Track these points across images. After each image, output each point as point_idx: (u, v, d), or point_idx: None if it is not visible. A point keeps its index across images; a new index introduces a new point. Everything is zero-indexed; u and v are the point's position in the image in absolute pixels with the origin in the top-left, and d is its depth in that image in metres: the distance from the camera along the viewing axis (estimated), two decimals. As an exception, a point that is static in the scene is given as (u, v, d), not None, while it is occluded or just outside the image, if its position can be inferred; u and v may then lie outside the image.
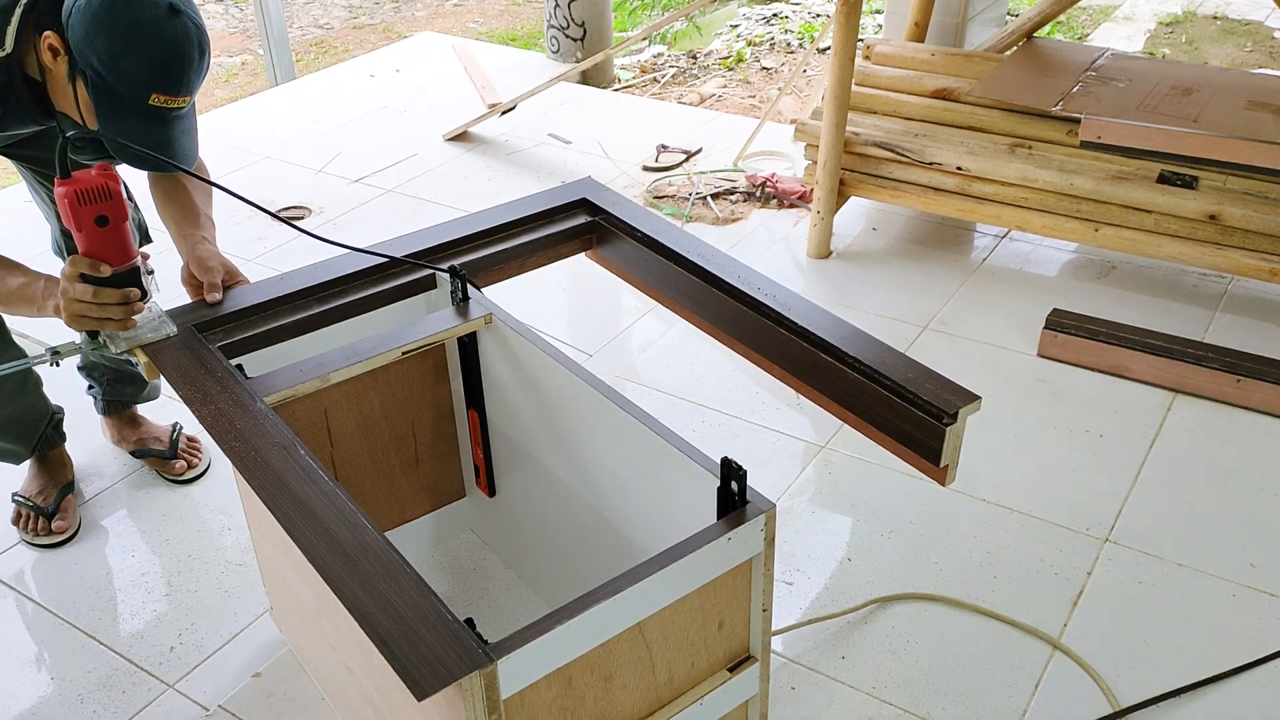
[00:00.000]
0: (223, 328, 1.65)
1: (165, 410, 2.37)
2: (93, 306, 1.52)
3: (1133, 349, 2.44)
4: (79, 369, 2.23)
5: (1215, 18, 5.31)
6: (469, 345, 1.76)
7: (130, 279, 1.53)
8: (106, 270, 1.51)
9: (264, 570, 1.86)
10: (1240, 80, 2.79)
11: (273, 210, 3.30)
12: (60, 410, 2.15)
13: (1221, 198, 2.52)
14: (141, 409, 2.33)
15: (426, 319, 1.69)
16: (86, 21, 1.48)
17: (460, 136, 3.73)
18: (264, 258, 3.02)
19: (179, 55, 1.52)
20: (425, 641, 1.13)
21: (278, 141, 3.76)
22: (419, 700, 1.08)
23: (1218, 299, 2.74)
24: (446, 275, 1.72)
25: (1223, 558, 1.99)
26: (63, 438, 2.17)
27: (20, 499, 2.12)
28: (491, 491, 1.93)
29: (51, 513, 2.09)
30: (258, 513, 1.67)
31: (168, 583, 2.00)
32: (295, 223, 1.66)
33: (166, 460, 2.23)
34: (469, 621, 1.15)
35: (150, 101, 1.52)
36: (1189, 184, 2.55)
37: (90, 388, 2.25)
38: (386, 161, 3.58)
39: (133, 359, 1.58)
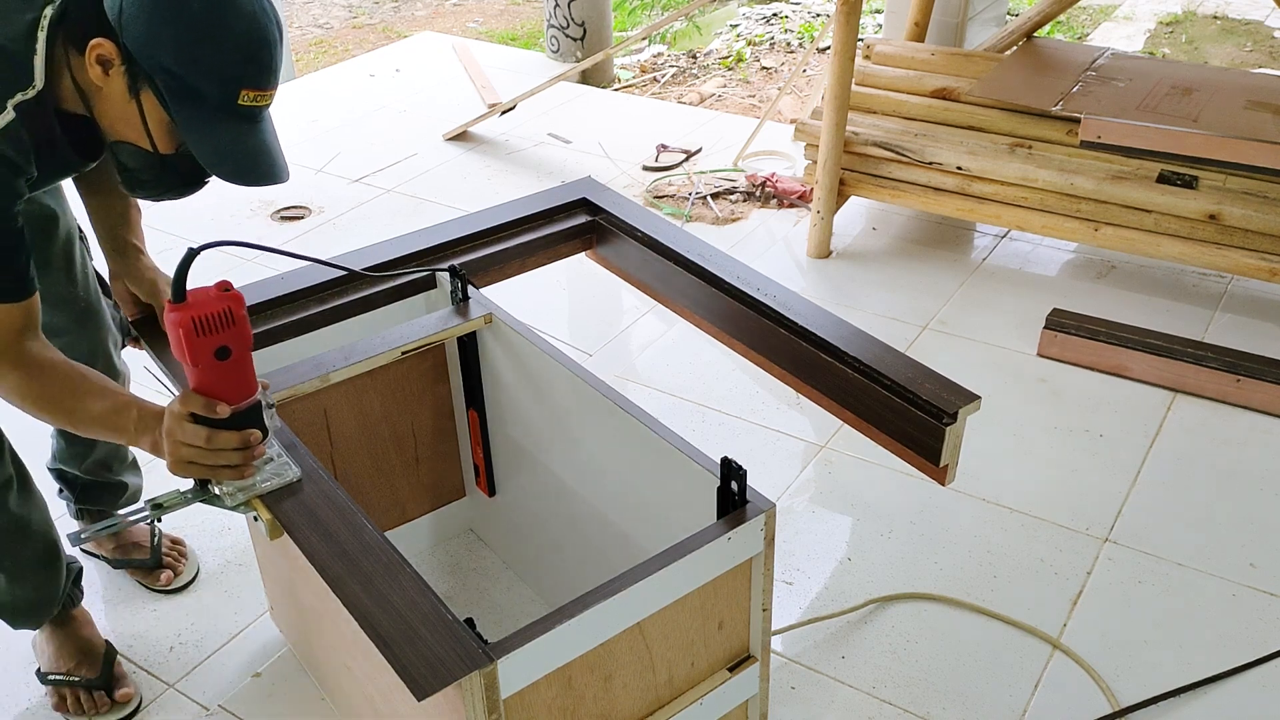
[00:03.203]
0: (223, 327, 1.64)
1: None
2: (206, 453, 1.29)
3: (1133, 349, 2.44)
4: (49, 469, 1.93)
5: (1215, 17, 5.31)
6: (469, 345, 1.76)
7: (251, 418, 1.30)
8: (225, 410, 1.28)
9: (264, 570, 1.86)
10: (1240, 80, 2.79)
11: (271, 212, 3.30)
12: (77, 560, 1.81)
13: (1221, 197, 2.52)
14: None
15: (426, 319, 1.69)
16: (149, 11, 1.20)
17: (460, 136, 3.73)
18: (264, 258, 3.02)
19: (263, 37, 1.26)
20: (425, 641, 1.13)
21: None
22: (419, 700, 1.08)
23: (1218, 299, 2.74)
24: (446, 275, 1.72)
25: (1223, 558, 1.99)
26: (82, 593, 1.82)
27: (56, 679, 1.75)
28: (491, 491, 1.93)
29: (106, 683, 1.74)
30: (258, 512, 1.67)
31: (168, 582, 2.00)
32: (293, 250, 1.57)
33: (150, 571, 1.98)
34: (469, 621, 1.16)
35: (240, 100, 1.26)
36: (1189, 184, 2.55)
37: (61, 491, 1.96)
38: (386, 161, 3.58)
39: (250, 513, 1.34)
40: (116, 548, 2.00)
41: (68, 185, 1.64)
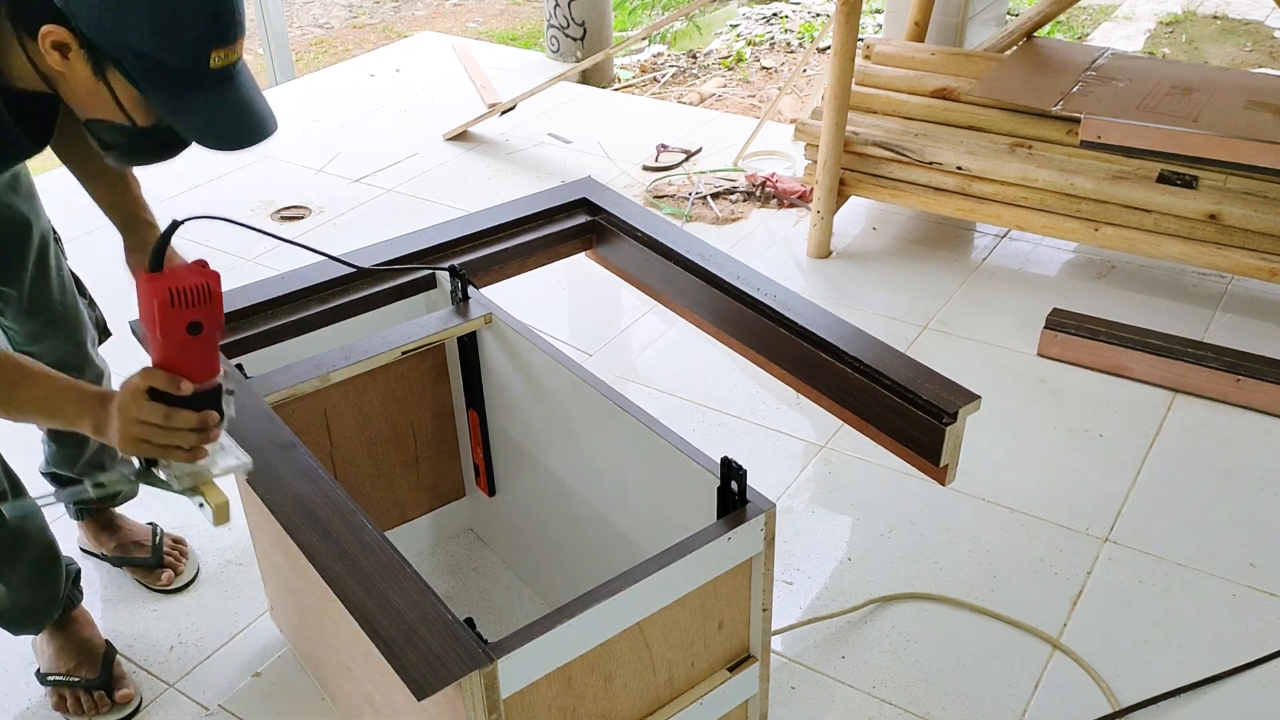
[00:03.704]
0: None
1: (140, 505, 2.09)
2: (161, 432, 1.24)
3: (1133, 349, 2.44)
4: (43, 474, 1.92)
5: (1215, 17, 5.31)
6: (469, 345, 1.76)
7: (210, 399, 1.27)
8: (188, 388, 1.24)
9: (264, 570, 1.86)
10: (1240, 80, 2.79)
11: (271, 212, 3.30)
12: (75, 561, 1.82)
13: (1221, 197, 2.52)
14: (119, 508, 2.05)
15: (426, 319, 1.69)
16: None
17: (460, 136, 3.73)
18: (264, 257, 3.02)
19: None
20: (425, 641, 1.13)
21: (277, 141, 3.74)
22: (419, 700, 1.08)
23: (1218, 299, 2.74)
24: (446, 275, 1.72)
25: (1223, 558, 1.99)
26: (81, 594, 1.82)
27: (56, 679, 1.75)
28: (491, 491, 1.93)
29: (105, 684, 1.74)
30: (258, 512, 1.67)
31: (168, 582, 2.00)
32: (296, 240, 1.56)
33: (151, 570, 1.97)
34: (469, 621, 1.16)
35: (211, 64, 1.19)
36: (1189, 184, 2.55)
37: (56, 494, 1.91)
38: (386, 161, 3.58)
39: (196, 498, 1.31)
40: (117, 546, 1.99)
41: (52, 191, 1.63)
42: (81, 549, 2.04)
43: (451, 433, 1.91)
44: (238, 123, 1.25)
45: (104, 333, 1.87)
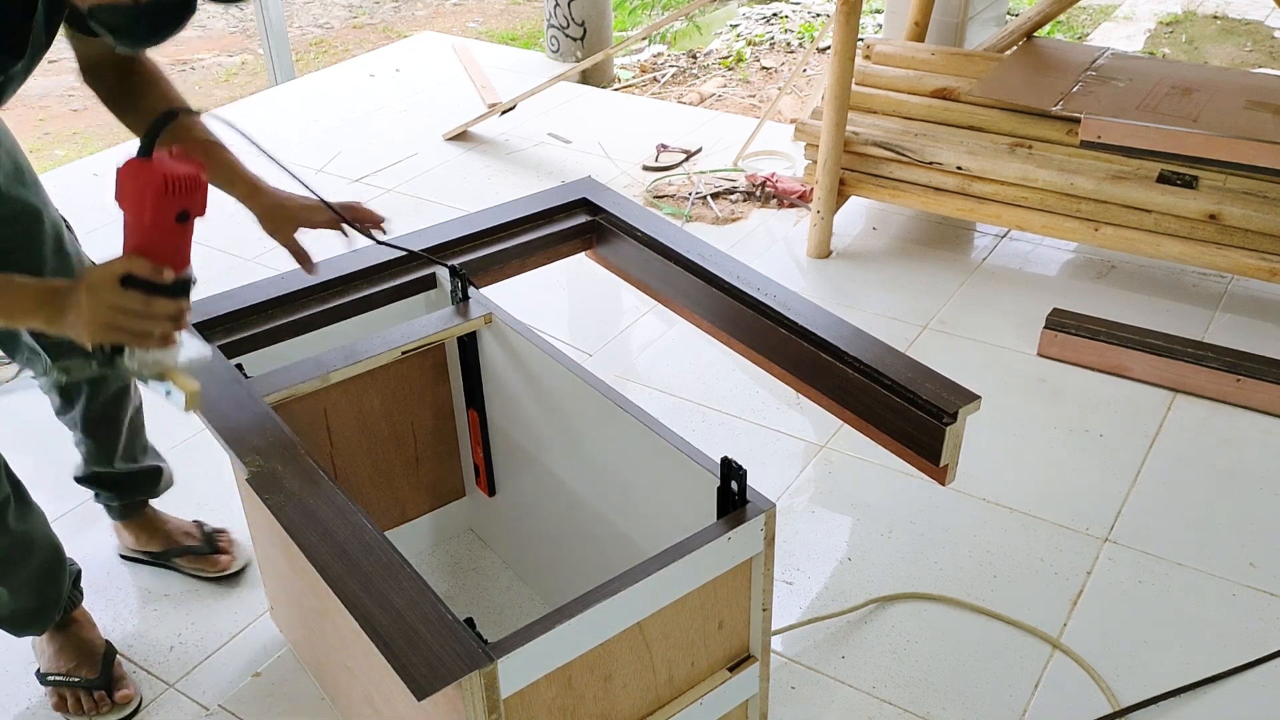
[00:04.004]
0: (222, 327, 1.65)
1: (171, 505, 2.10)
2: (138, 319, 1.23)
3: (1133, 349, 2.44)
4: (78, 479, 1.93)
5: (1215, 17, 5.31)
6: (469, 345, 1.76)
7: (183, 289, 1.29)
8: (170, 276, 1.24)
9: (264, 570, 1.86)
10: (1240, 80, 2.79)
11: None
12: (74, 562, 1.81)
13: (1221, 197, 2.52)
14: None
15: (426, 318, 1.69)
16: None
17: (460, 136, 3.73)
18: (264, 257, 3.02)
19: None
20: (425, 641, 1.13)
21: (278, 141, 3.76)
22: (419, 700, 1.08)
23: (1218, 299, 2.74)
24: (446, 275, 1.73)
25: (1223, 558, 1.99)
26: (82, 594, 1.82)
27: (56, 680, 1.75)
28: (491, 491, 1.93)
29: (105, 684, 1.75)
30: (257, 512, 1.67)
31: (167, 582, 2.00)
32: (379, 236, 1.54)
33: (205, 556, 1.98)
34: (469, 621, 1.16)
35: None
36: (1189, 184, 2.55)
37: (98, 495, 1.96)
38: (386, 161, 3.58)
39: (163, 386, 1.32)
40: (167, 540, 2.00)
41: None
42: (122, 555, 2.04)
43: (451, 433, 1.91)
44: None
45: None
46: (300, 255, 1.58)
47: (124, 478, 1.93)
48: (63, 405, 1.81)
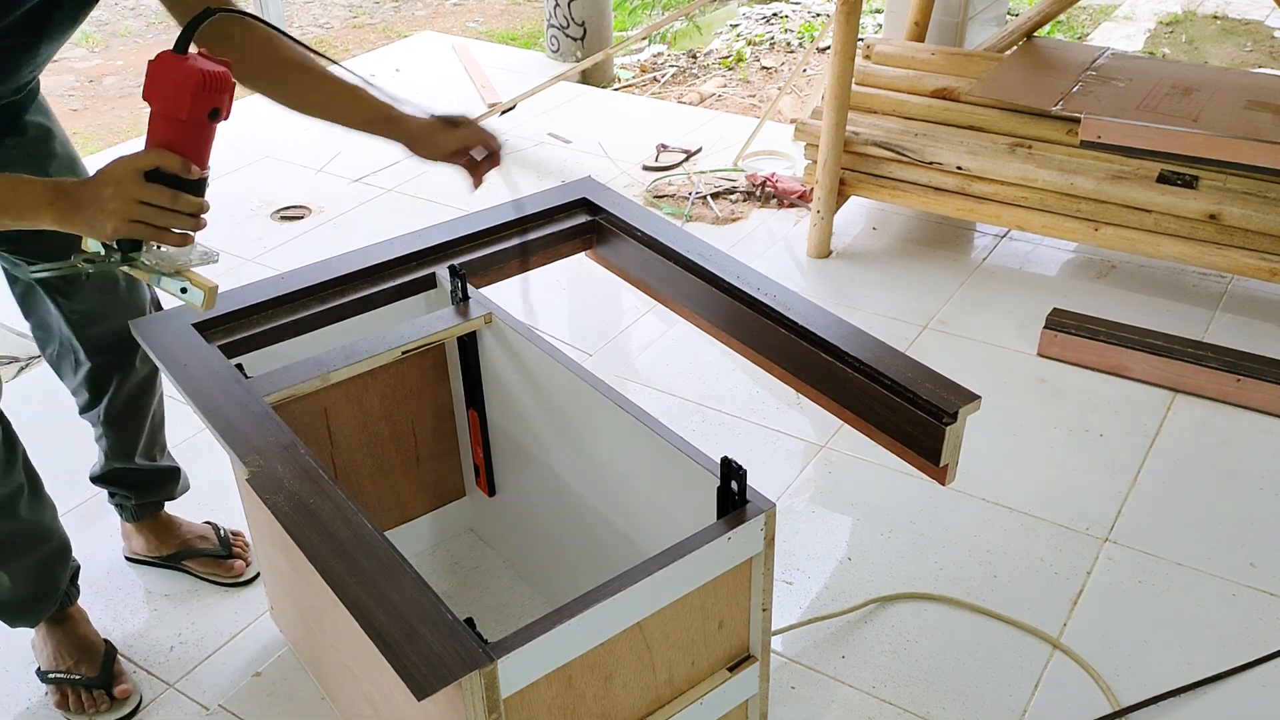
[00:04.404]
0: (222, 327, 1.65)
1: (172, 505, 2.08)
2: (164, 214, 1.24)
3: (1133, 349, 2.44)
4: (95, 479, 1.93)
5: (1215, 17, 5.31)
6: (469, 345, 1.76)
7: (202, 189, 1.31)
8: (198, 172, 1.26)
9: (264, 570, 1.86)
10: (1240, 80, 2.79)
11: (271, 211, 3.30)
12: (76, 562, 1.81)
13: (1221, 197, 2.52)
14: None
15: (426, 318, 1.69)
16: None
17: (460, 136, 3.72)
18: (264, 257, 3.02)
19: None
20: (425, 641, 1.13)
21: (278, 141, 3.76)
22: (419, 700, 1.08)
23: (1218, 299, 2.74)
24: (446, 275, 1.73)
25: (1223, 558, 1.99)
26: (78, 591, 1.82)
27: (57, 677, 1.75)
28: (491, 491, 1.93)
29: (105, 682, 1.75)
30: (257, 512, 1.67)
31: (168, 582, 2.00)
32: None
33: (221, 560, 1.98)
34: (469, 621, 1.16)
35: None
36: (1189, 184, 2.55)
37: (113, 496, 1.96)
38: (386, 161, 3.58)
39: (179, 284, 1.32)
40: (181, 543, 1.99)
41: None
42: (128, 558, 2.03)
43: (451, 432, 1.91)
44: None
45: (158, 307, 1.86)
46: (472, 167, 1.58)
47: (143, 475, 1.93)
48: (90, 401, 1.81)
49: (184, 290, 1.33)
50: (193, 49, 1.25)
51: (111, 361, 1.76)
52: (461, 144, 1.61)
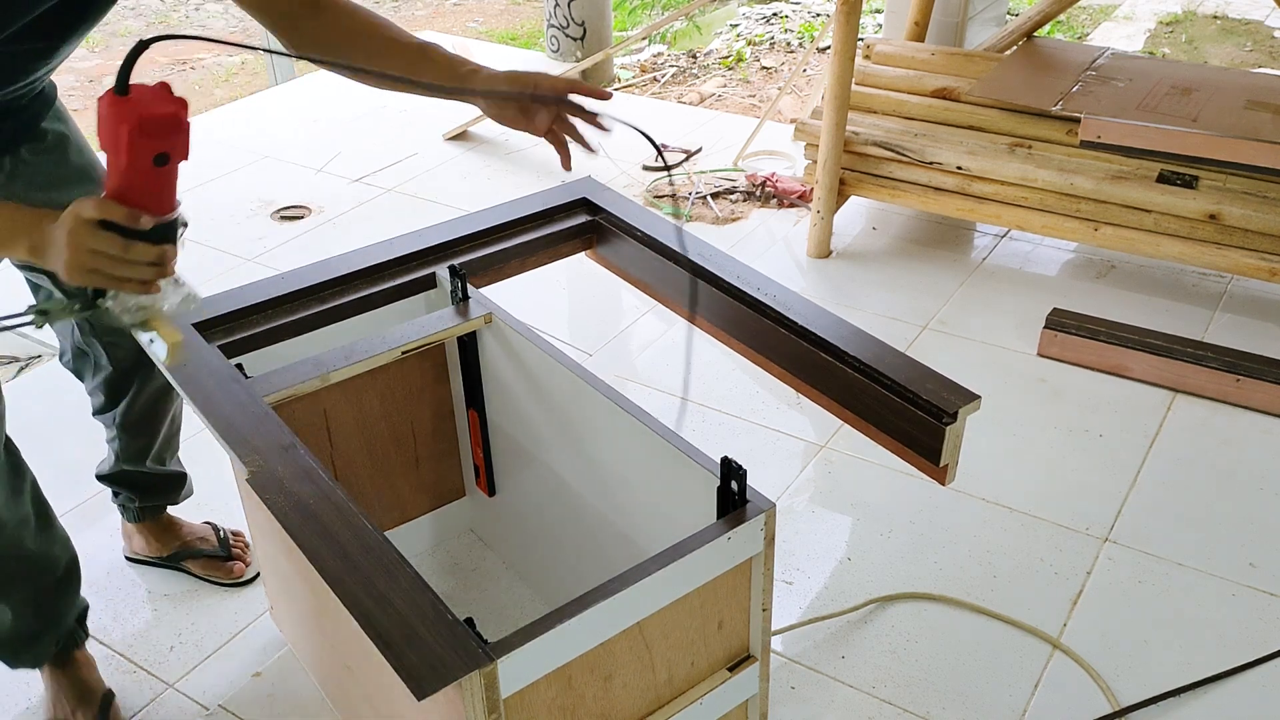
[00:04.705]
0: (222, 327, 1.64)
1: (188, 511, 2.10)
2: (118, 264, 1.17)
3: (1133, 349, 2.44)
4: (102, 477, 1.92)
5: (1215, 17, 5.31)
6: (469, 345, 1.76)
7: (167, 233, 1.21)
8: (148, 222, 1.17)
9: (264, 570, 1.86)
10: (1240, 80, 2.79)
11: (271, 211, 3.30)
12: (84, 599, 1.77)
13: (1221, 197, 2.52)
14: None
15: (426, 318, 1.69)
16: None
17: (460, 136, 3.73)
18: (264, 257, 3.02)
19: None
20: (425, 641, 1.13)
21: (277, 141, 3.76)
22: (419, 700, 1.08)
23: (1218, 299, 2.74)
24: (446, 275, 1.73)
25: (1223, 558, 1.99)
26: (86, 633, 1.77)
27: None
28: (491, 491, 1.93)
29: None
30: (257, 512, 1.67)
31: (168, 582, 2.00)
32: None
33: (221, 562, 1.98)
34: (469, 621, 1.15)
35: None
36: (1189, 184, 2.55)
37: (117, 495, 1.96)
38: (386, 161, 3.58)
39: (147, 334, 1.25)
40: (181, 545, 1.99)
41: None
42: (128, 558, 2.03)
43: (451, 433, 1.91)
44: None
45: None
46: (559, 144, 1.47)
47: (151, 480, 1.93)
48: (106, 404, 1.80)
49: (151, 342, 1.27)
50: (169, 83, 1.16)
51: (132, 368, 1.75)
52: (549, 121, 1.47)
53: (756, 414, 2.38)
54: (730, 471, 1.30)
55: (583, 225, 1.92)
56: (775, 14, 5.33)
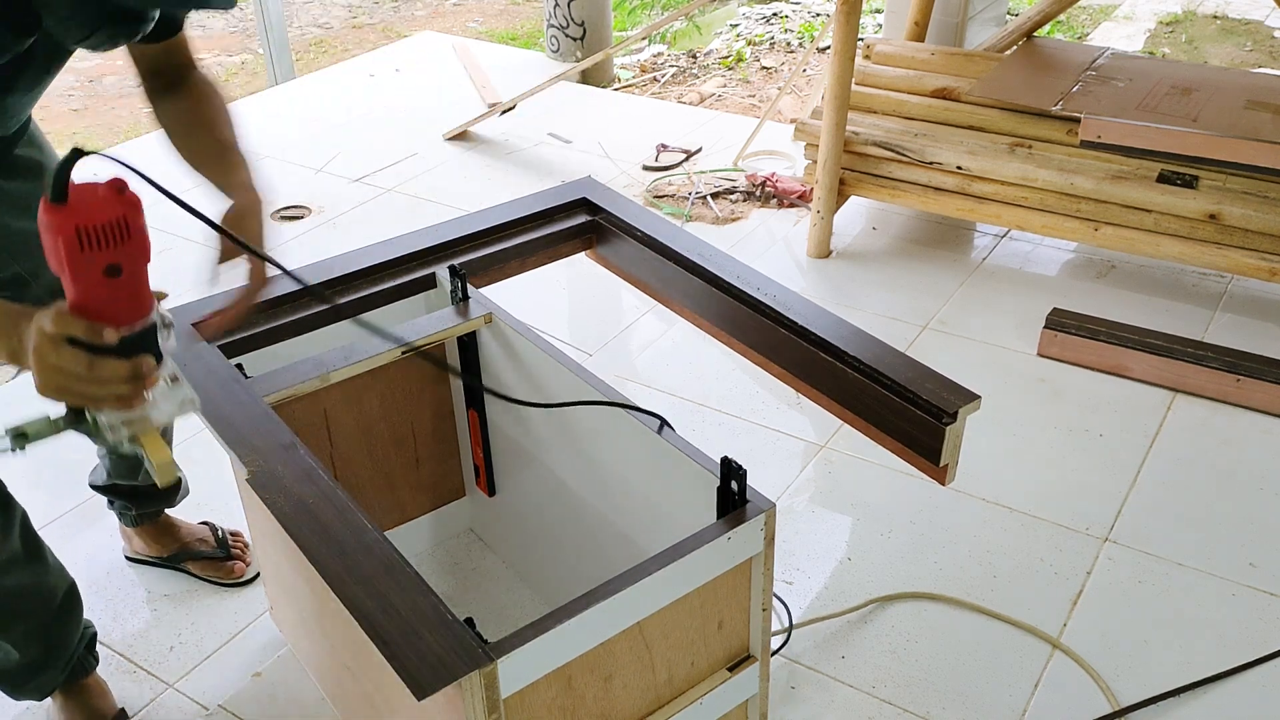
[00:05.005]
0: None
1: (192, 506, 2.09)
2: (87, 383, 1.04)
3: (1133, 349, 2.44)
4: (95, 487, 1.91)
5: (1215, 17, 5.31)
6: (469, 345, 1.76)
7: (143, 341, 1.06)
8: (113, 336, 1.03)
9: (264, 570, 1.86)
10: (1240, 80, 2.79)
11: (271, 212, 3.30)
12: (92, 625, 1.72)
13: (1221, 197, 2.52)
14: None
15: (426, 318, 1.69)
16: None
17: (460, 136, 3.73)
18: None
19: None
20: (425, 641, 1.13)
21: (277, 141, 3.76)
22: (419, 700, 1.08)
23: (1218, 299, 2.74)
24: (446, 275, 1.73)
25: (1223, 558, 1.99)
26: (96, 660, 1.72)
27: None
28: (491, 491, 1.93)
29: None
30: (257, 512, 1.67)
31: (168, 582, 2.00)
32: None
33: (221, 562, 1.97)
34: (469, 621, 1.16)
35: None
36: (1189, 183, 2.55)
37: (112, 503, 1.94)
38: (386, 161, 3.58)
39: (136, 450, 1.12)
40: (180, 546, 1.98)
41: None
42: (129, 558, 2.03)
43: (451, 433, 1.91)
44: None
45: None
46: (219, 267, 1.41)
47: (145, 490, 1.92)
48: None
49: (144, 460, 1.13)
50: (123, 179, 1.01)
51: None
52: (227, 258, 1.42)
53: (756, 414, 2.38)
54: (730, 471, 1.30)
55: (583, 225, 1.92)
56: (775, 14, 5.33)
